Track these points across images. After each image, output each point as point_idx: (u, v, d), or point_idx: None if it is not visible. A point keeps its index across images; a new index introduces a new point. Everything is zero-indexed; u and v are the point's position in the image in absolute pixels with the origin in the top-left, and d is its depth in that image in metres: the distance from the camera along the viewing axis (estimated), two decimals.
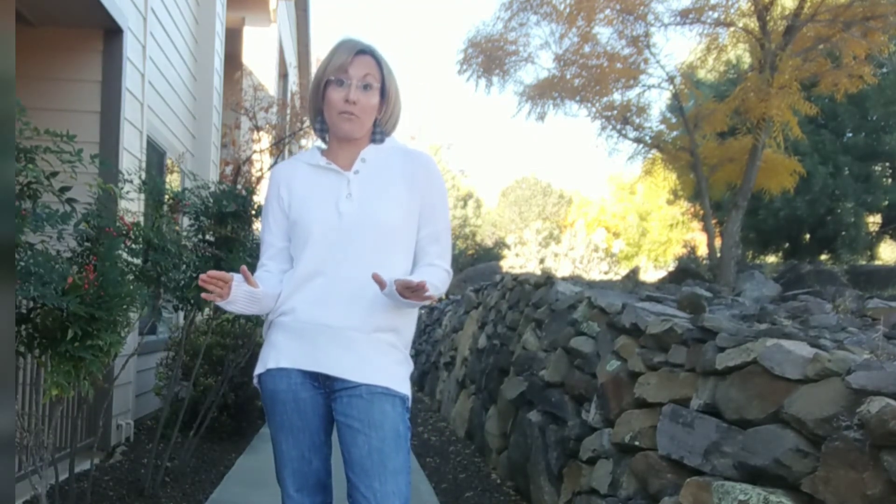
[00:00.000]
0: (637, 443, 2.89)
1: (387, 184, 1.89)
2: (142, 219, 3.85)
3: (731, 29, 6.51)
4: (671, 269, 10.52)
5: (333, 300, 1.83)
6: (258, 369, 1.91)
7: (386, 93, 1.91)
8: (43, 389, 2.77)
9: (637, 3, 6.32)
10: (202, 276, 1.69)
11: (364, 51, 1.88)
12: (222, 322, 5.38)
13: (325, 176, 1.91)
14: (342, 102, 1.84)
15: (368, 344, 1.83)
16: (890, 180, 10.91)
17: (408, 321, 1.92)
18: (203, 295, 1.73)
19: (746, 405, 2.30)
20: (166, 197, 3.82)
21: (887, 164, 10.88)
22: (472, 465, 5.11)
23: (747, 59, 9.76)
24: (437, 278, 1.89)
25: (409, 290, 1.70)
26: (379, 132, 1.94)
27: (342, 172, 1.90)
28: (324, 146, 1.98)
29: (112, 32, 4.77)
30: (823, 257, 11.07)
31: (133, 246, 3.37)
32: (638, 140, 7.39)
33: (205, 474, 4.49)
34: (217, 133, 7.81)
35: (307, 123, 8.47)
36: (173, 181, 6.62)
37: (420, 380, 9.65)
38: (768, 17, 6.03)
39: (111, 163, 4.21)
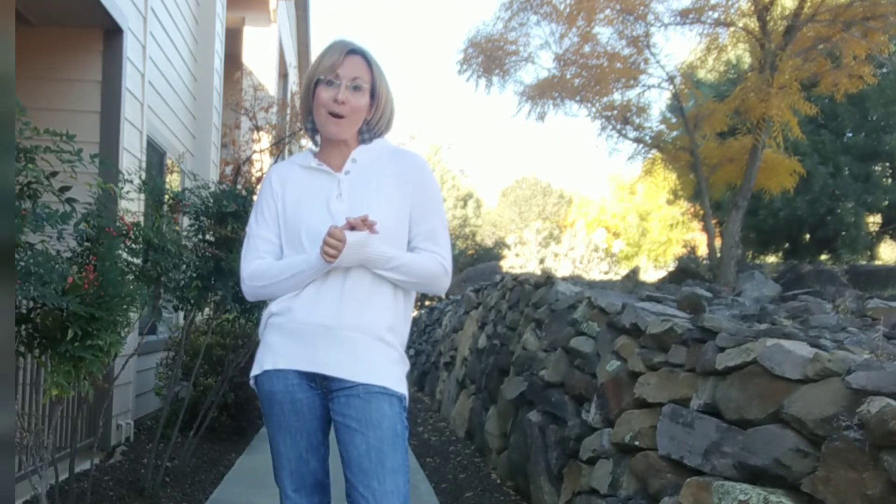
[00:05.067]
0: (637, 443, 2.89)
1: (377, 184, 1.89)
2: (142, 219, 3.85)
3: (731, 29, 6.51)
4: (671, 269, 10.51)
5: (328, 300, 1.82)
6: (254, 370, 1.91)
7: (376, 94, 1.91)
8: (43, 389, 2.77)
9: (637, 3, 6.31)
10: (328, 239, 1.72)
11: (355, 51, 1.88)
12: (222, 322, 5.37)
13: (317, 177, 1.92)
14: (331, 102, 1.85)
15: (365, 343, 1.83)
16: (890, 180, 10.90)
17: (403, 319, 1.92)
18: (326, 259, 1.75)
19: (746, 405, 2.30)
20: (166, 197, 3.82)
21: (887, 164, 10.87)
22: (472, 465, 5.11)
23: (747, 59, 9.76)
24: (423, 261, 1.87)
25: (363, 224, 1.75)
26: (367, 132, 1.94)
27: (333, 174, 1.90)
28: (316, 149, 1.99)
29: (112, 32, 4.78)
30: (823, 257, 11.06)
31: (133, 246, 3.37)
32: (638, 140, 7.39)
33: (205, 474, 4.49)
34: (217, 133, 7.81)
35: None
36: (173, 181, 6.62)
37: (420, 380, 9.65)
38: (768, 17, 6.02)
39: (111, 163, 4.20)
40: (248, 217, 2.04)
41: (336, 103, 1.85)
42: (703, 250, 12.16)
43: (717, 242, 6.94)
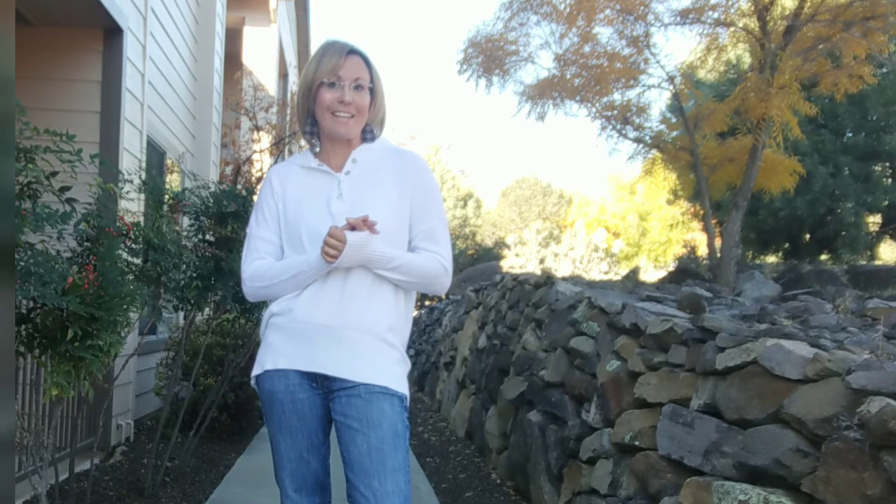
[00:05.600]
0: (637, 443, 2.89)
1: (377, 184, 1.89)
2: (142, 219, 3.85)
3: (731, 29, 6.51)
4: (671, 269, 10.51)
5: (329, 300, 1.83)
6: (255, 370, 1.91)
7: (374, 93, 1.93)
8: (43, 389, 2.77)
9: (637, 3, 6.32)
10: (329, 240, 1.73)
11: (353, 52, 1.89)
12: (222, 322, 5.37)
13: (317, 178, 1.92)
14: (336, 103, 1.86)
15: (366, 343, 1.83)
16: (890, 180, 10.90)
17: (404, 319, 1.93)
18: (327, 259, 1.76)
19: (746, 405, 2.30)
20: (166, 197, 3.82)
21: (887, 164, 10.87)
22: (472, 465, 5.11)
23: (747, 59, 9.76)
24: (423, 261, 1.88)
25: (364, 224, 1.76)
26: (370, 131, 1.96)
27: (333, 174, 1.91)
28: (316, 149, 1.99)
29: (112, 32, 4.78)
30: (823, 257, 11.06)
31: (133, 246, 3.37)
32: (638, 140, 7.39)
33: (205, 474, 4.49)
34: (217, 133, 7.81)
35: None
36: (173, 181, 6.62)
37: (420, 380, 9.65)
38: (768, 17, 6.02)
39: (111, 163, 4.21)
40: (248, 217, 2.04)
41: (343, 104, 1.85)
42: (703, 250, 12.16)
43: (717, 242, 6.94)
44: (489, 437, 5.05)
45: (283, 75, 11.83)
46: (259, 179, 8.34)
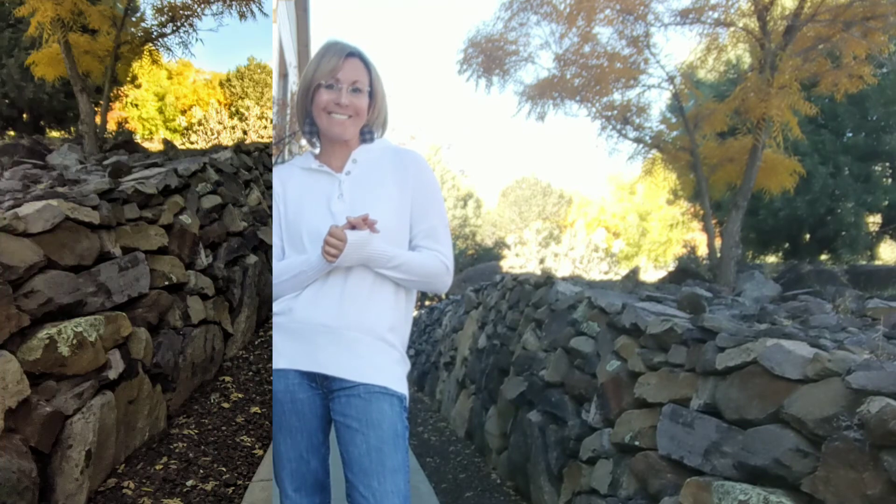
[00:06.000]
0: (637, 443, 2.89)
1: (377, 183, 1.90)
2: None
3: (731, 29, 6.51)
4: (671, 269, 10.51)
5: (329, 299, 1.83)
6: None
7: (374, 95, 1.92)
8: None
9: (637, 3, 6.31)
10: (329, 239, 1.74)
11: (353, 54, 1.89)
12: None
13: (318, 178, 1.93)
14: (333, 105, 1.86)
15: (365, 343, 1.83)
16: (890, 180, 10.89)
17: (404, 319, 1.93)
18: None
19: (746, 405, 2.30)
20: None
21: (887, 164, 10.86)
22: (472, 465, 5.11)
23: (747, 59, 9.75)
24: (424, 259, 1.88)
25: (364, 223, 1.77)
26: (368, 132, 1.96)
27: (334, 174, 1.91)
28: (316, 150, 1.99)
29: None
30: (823, 257, 11.05)
31: None
32: (638, 140, 7.39)
33: None
34: None
35: None
36: None
37: (420, 380, 9.65)
38: (768, 17, 6.02)
39: None
40: None
41: (339, 107, 1.86)
42: (703, 250, 12.16)
43: (717, 242, 6.94)
44: (489, 437, 5.05)
45: (283, 75, 11.84)
46: None
